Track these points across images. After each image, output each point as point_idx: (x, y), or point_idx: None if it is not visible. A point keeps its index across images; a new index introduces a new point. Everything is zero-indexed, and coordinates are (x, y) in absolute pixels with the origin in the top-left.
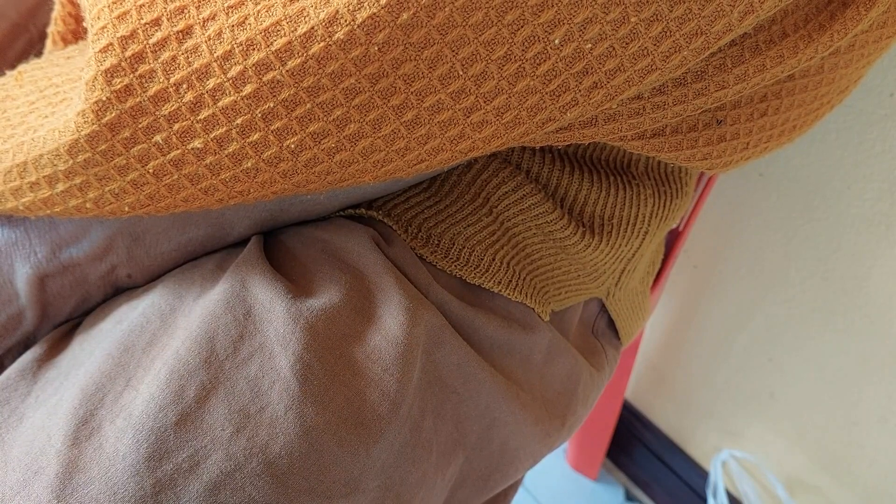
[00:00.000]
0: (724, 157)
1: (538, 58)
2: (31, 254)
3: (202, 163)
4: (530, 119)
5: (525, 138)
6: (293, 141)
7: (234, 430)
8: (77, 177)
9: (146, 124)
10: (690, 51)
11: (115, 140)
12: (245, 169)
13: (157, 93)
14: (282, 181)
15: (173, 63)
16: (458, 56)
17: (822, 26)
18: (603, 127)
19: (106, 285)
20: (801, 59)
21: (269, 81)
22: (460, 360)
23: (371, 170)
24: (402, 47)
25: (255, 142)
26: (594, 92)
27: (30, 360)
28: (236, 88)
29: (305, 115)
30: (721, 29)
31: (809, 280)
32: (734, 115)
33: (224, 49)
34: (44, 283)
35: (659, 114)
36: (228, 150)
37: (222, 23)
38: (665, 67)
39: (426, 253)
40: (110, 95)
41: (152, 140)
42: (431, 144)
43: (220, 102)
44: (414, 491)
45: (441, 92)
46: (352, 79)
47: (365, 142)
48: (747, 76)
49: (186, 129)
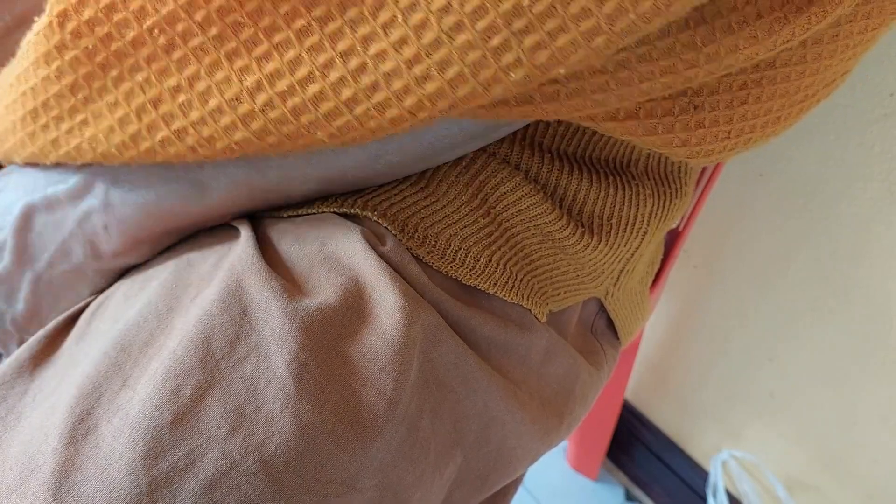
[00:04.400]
0: (705, 146)
1: (477, 12)
2: (31, 186)
3: (175, 101)
4: (474, 77)
5: (474, 101)
6: (252, 81)
7: (230, 428)
8: (78, 115)
9: (129, 64)
10: (638, 15)
11: (105, 76)
12: (211, 110)
13: (135, 38)
14: (243, 127)
15: (142, 11)
16: (399, 4)
17: (799, 9)
18: (566, 102)
19: (83, 238)
20: (777, 41)
21: (231, 23)
22: (457, 359)
23: (324, 124)
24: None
25: (220, 81)
26: (538, 52)
27: (26, 357)
28: (203, 30)
29: (263, 55)
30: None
31: (809, 280)
32: (712, 101)
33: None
34: (29, 217)
35: (625, 91)
36: (198, 87)
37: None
38: (612, 31)
39: (422, 253)
40: (96, 42)
41: (135, 78)
42: (378, 97)
43: (190, 43)
44: (411, 490)
45: (384, 40)
46: (302, 20)
47: (314, 87)
48: (719, 56)
49: (163, 69)
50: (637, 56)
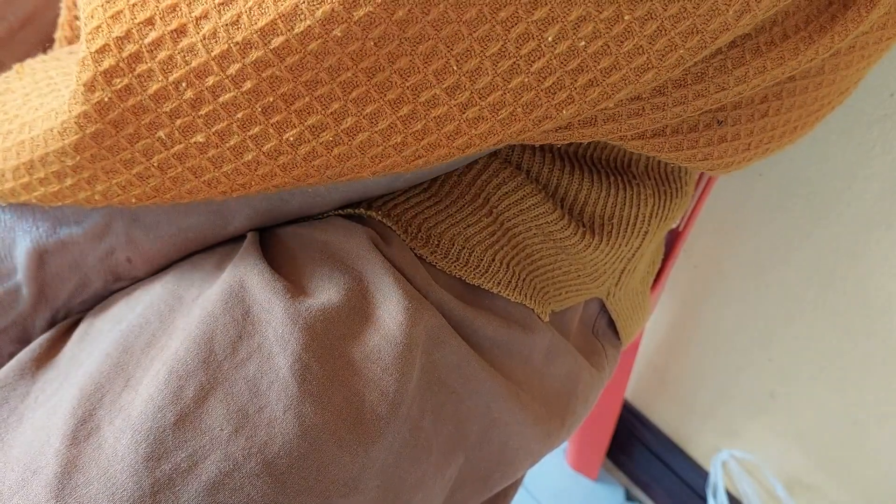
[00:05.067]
0: (726, 158)
1: (532, 55)
2: (33, 228)
3: (205, 156)
4: (526, 116)
5: (523, 136)
6: (292, 134)
7: (233, 430)
8: (85, 171)
9: (149, 121)
10: (687, 49)
11: (119, 136)
12: (246, 161)
13: (157, 91)
14: (282, 174)
15: (170, 62)
16: (452, 52)
17: (823, 28)
18: (602, 126)
19: (105, 270)
20: (802, 60)
21: (267, 77)
22: (460, 360)
23: (369, 165)
24: (397, 42)
25: (255, 135)
26: (590, 90)
27: (28, 359)
28: (236, 85)
29: (303, 109)
30: (717, 28)
31: (809, 280)
32: (735, 115)
33: (221, 49)
34: (43, 260)
35: (658, 114)
36: (230, 143)
37: (216, 22)
38: (661, 66)
39: (426, 253)
40: (112, 96)
41: (156, 135)
42: (428, 140)
43: (221, 98)
44: (413, 491)
45: (436, 87)
46: (349, 73)
47: (362, 136)
48: (748, 78)
49: (188, 125)
50: (673, 82)
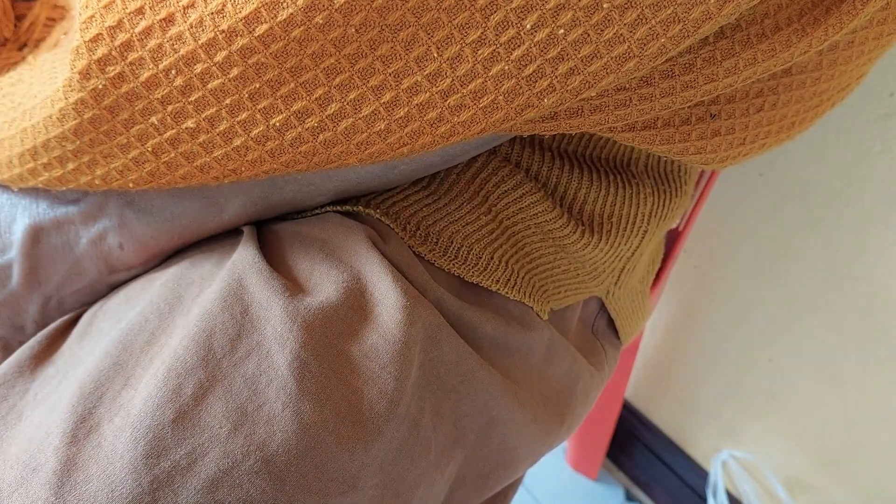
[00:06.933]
0: (720, 153)
1: (512, 42)
2: (33, 205)
3: (196, 141)
4: (508, 104)
5: (507, 125)
6: (278, 120)
7: (232, 427)
8: (85, 155)
9: (142, 107)
10: (668, 38)
11: (115, 121)
12: (235, 147)
13: (149, 78)
14: (270, 160)
15: (160, 51)
16: (432, 39)
17: (816, 20)
18: (589, 117)
19: (97, 257)
20: (794, 52)
21: (253, 64)
22: (458, 358)
23: (355, 152)
24: (377, 29)
25: (243, 120)
26: (571, 78)
27: (27, 356)
28: (223, 71)
29: (289, 95)
30: (699, 17)
31: (809, 280)
32: (728, 109)
33: (207, 37)
34: (38, 238)
35: (646, 105)
36: (219, 128)
37: (202, 11)
38: (643, 55)
39: (424, 251)
40: (106, 83)
41: (149, 121)
42: (411, 127)
43: (209, 85)
44: (413, 489)
45: (418, 74)
46: (331, 59)
47: (346, 122)
48: (738, 69)
49: (179, 111)
50: (660, 73)
